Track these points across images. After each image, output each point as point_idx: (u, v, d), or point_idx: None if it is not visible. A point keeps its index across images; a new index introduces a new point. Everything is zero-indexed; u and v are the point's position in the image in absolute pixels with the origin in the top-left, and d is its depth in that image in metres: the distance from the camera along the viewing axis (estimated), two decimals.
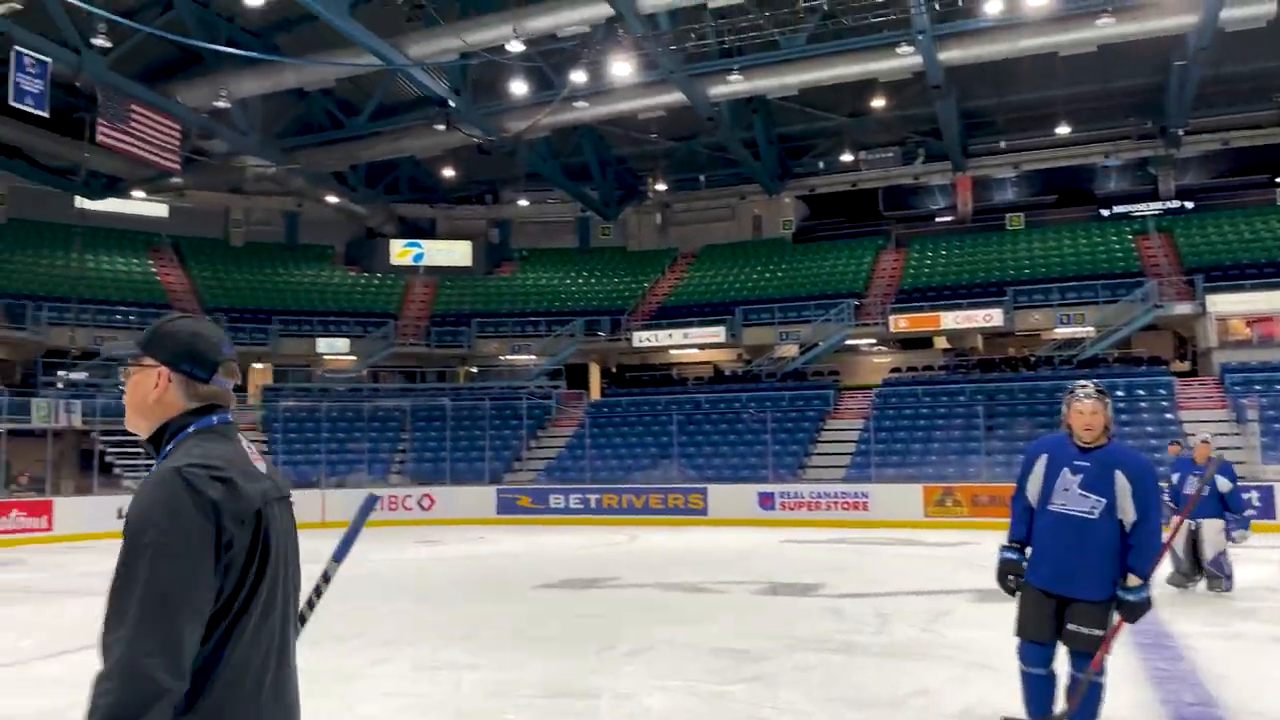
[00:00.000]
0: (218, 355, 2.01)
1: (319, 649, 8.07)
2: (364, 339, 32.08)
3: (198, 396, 1.99)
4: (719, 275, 34.28)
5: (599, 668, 7.17)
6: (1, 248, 30.74)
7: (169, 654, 1.67)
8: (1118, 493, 4.47)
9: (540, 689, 6.49)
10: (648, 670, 7.07)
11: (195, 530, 1.76)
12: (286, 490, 2.08)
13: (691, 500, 22.76)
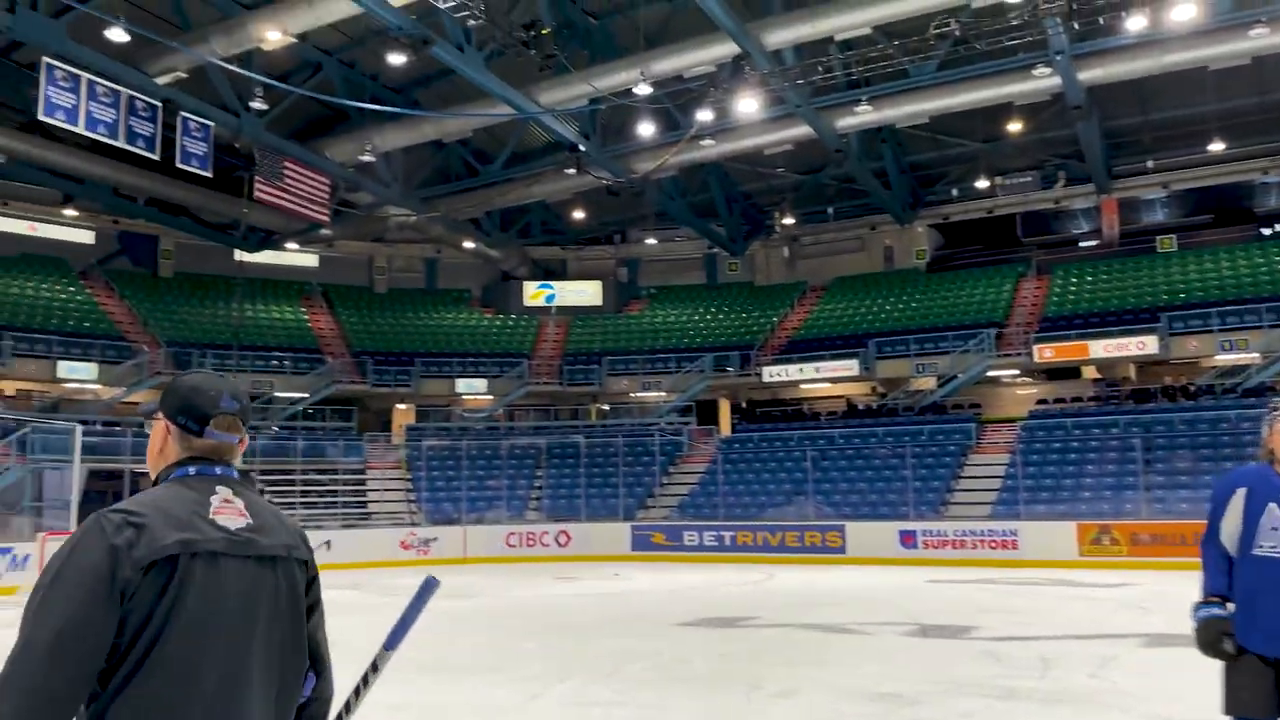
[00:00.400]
0: (212, 409, 2.01)
1: (470, 680, 8.24)
2: (500, 378, 32.91)
3: (192, 449, 2.00)
4: (850, 307, 33.75)
5: (748, 709, 7.06)
6: (169, 299, 33.01)
7: (27, 693, 1.63)
8: None
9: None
10: (799, 712, 6.92)
11: (89, 571, 1.72)
12: (271, 549, 1.96)
13: (829, 538, 22.31)
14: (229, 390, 2.07)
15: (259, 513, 1.99)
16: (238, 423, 2.06)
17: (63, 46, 19.12)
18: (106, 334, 29.32)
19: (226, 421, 2.03)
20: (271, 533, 1.98)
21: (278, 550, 1.97)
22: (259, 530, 1.95)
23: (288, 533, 2.02)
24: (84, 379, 27.29)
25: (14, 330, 26.70)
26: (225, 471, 2.02)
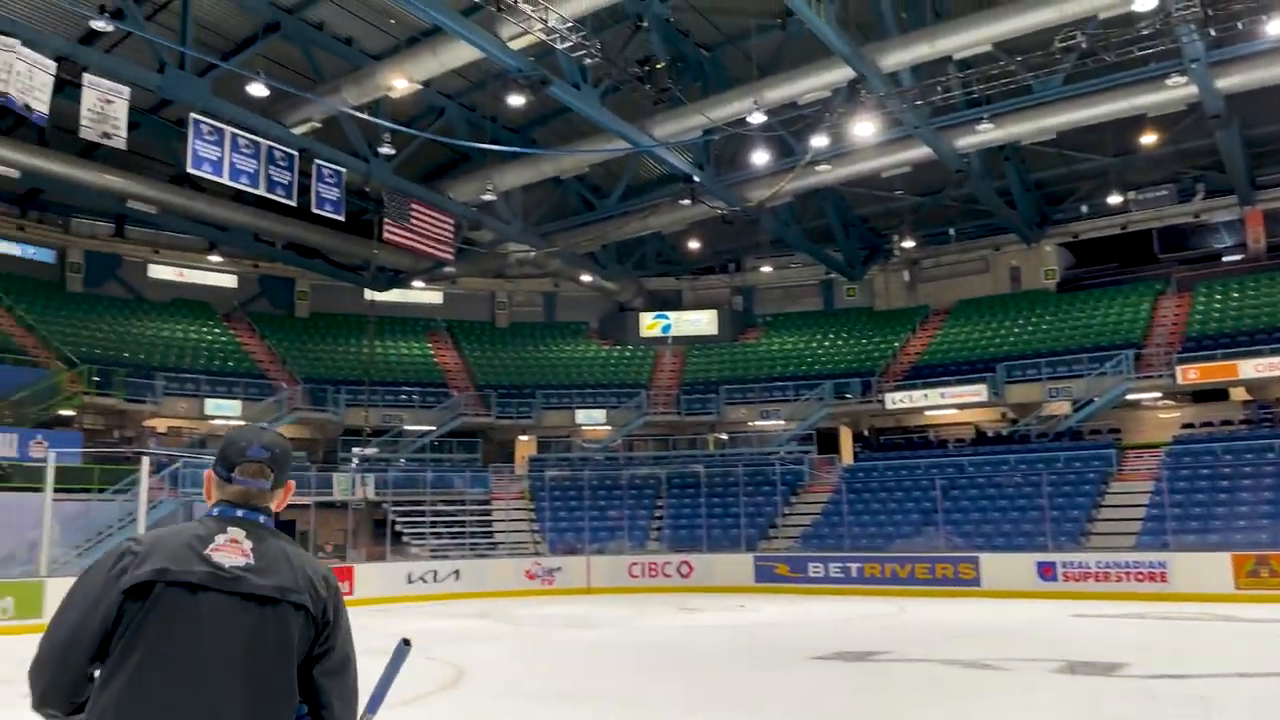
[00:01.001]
0: (239, 458, 2.19)
1: (612, 712, 8.25)
2: (618, 409, 33.17)
3: (224, 494, 2.20)
4: (976, 331, 32.78)
5: None
6: (305, 338, 34.58)
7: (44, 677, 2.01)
8: None
9: None
10: None
11: (89, 592, 2.02)
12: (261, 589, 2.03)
13: (962, 570, 21.55)
14: (260, 441, 2.22)
15: (266, 555, 2.08)
16: (264, 469, 2.19)
17: (208, 103, 20.38)
18: (249, 372, 30.88)
19: (252, 468, 2.18)
20: (271, 575, 2.05)
21: (269, 591, 2.03)
22: (257, 571, 2.04)
23: (291, 578, 2.06)
24: (229, 415, 28.74)
25: (166, 371, 28.38)
26: (246, 515, 2.16)
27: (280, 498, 2.26)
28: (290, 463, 2.27)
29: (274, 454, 2.22)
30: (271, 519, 2.22)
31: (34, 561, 18.68)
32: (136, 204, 26.92)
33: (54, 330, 28.07)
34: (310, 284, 35.90)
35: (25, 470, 21.29)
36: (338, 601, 2.16)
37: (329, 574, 2.18)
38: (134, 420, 27.72)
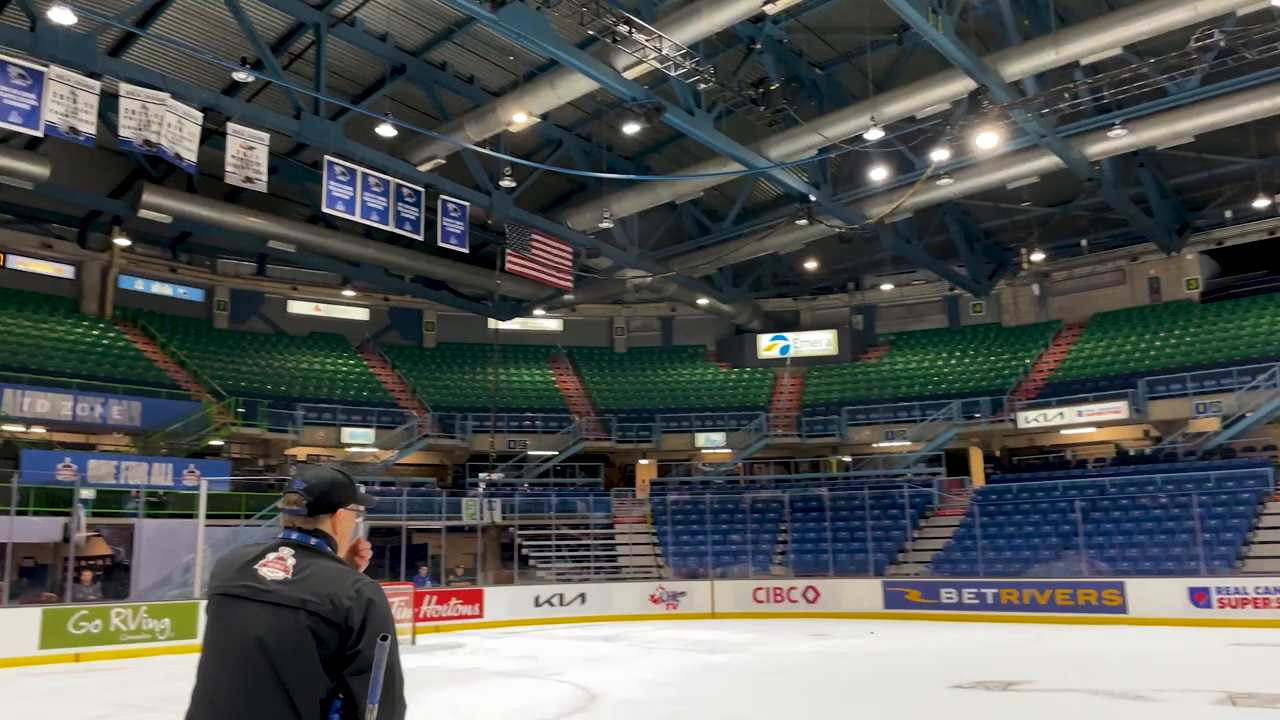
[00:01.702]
0: (286, 489, 2.64)
1: None
2: (738, 432, 32.99)
3: (283, 519, 2.65)
4: (1113, 345, 31.33)
5: None
6: (433, 368, 35.71)
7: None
8: None
9: None
10: None
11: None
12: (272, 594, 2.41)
13: (1106, 596, 20.52)
14: (303, 476, 2.65)
15: (304, 571, 2.45)
16: (300, 498, 2.59)
17: (340, 145, 21.38)
18: (381, 401, 32.06)
19: (291, 498, 2.61)
20: (300, 588, 2.40)
21: (293, 601, 2.38)
22: (291, 584, 2.41)
23: (317, 592, 2.39)
24: (364, 443, 29.89)
25: (305, 401, 29.73)
26: (298, 538, 2.56)
27: (331, 523, 2.60)
28: (330, 494, 2.61)
29: (309, 486, 2.61)
30: (325, 541, 2.57)
31: (189, 584, 19.77)
32: (276, 243, 28.40)
33: (203, 365, 29.78)
34: (437, 315, 37.14)
35: (179, 498, 22.60)
36: (367, 613, 2.40)
37: (363, 590, 2.44)
38: (277, 449, 29.13)
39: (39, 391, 24.07)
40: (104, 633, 16.50)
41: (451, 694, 11.64)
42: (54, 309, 29.54)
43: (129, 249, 31.36)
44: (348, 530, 2.65)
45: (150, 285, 32.64)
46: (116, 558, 22.95)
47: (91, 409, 24.70)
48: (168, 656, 16.65)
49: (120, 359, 28.16)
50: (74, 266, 30.77)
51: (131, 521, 21.60)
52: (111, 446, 25.42)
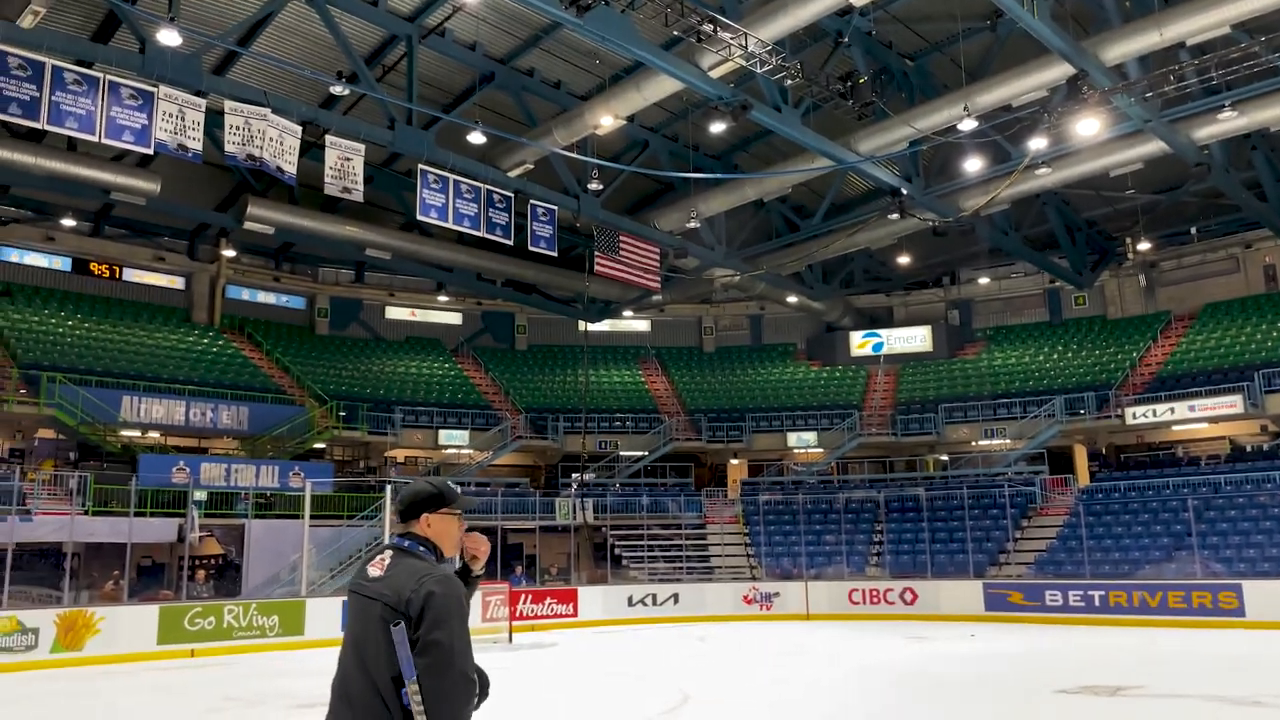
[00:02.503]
0: None
1: None
2: (830, 430, 32.57)
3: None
4: (1227, 336, 29.91)
5: None
6: (525, 370, 36.22)
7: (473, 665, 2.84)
8: None
9: None
10: None
11: None
12: (370, 590, 2.91)
13: (1222, 599, 19.59)
14: (402, 489, 3.14)
15: (393, 570, 2.91)
16: (395, 510, 3.18)
17: (432, 153, 21.86)
18: (476, 404, 32.66)
19: (393, 509, 3.26)
20: (384, 584, 2.87)
21: (374, 594, 2.86)
22: (379, 581, 2.88)
23: (392, 586, 2.84)
24: (460, 445, 30.49)
25: (403, 404, 30.49)
26: (396, 542, 3.06)
27: (420, 527, 3.07)
28: (414, 504, 3.09)
29: (400, 498, 3.13)
30: (418, 542, 3.04)
31: (295, 583, 20.48)
32: (373, 251, 29.19)
33: (306, 370, 30.80)
34: (528, 318, 37.66)
35: (285, 499, 23.44)
36: (426, 604, 2.78)
37: (425, 584, 2.83)
38: (376, 451, 29.94)
39: (154, 398, 25.24)
40: (217, 629, 17.21)
41: (547, 693, 11.78)
42: (167, 319, 30.93)
43: (235, 260, 32.63)
44: (444, 531, 3.06)
45: (256, 294, 33.91)
46: (228, 557, 23.92)
47: (203, 414, 25.79)
48: (277, 652, 17.27)
49: (229, 366, 29.33)
50: (184, 278, 32.16)
51: (241, 522, 22.50)
52: (222, 450, 26.50)
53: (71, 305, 29.27)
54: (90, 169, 22.79)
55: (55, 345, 26.52)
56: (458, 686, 2.70)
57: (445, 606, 2.77)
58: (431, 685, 2.69)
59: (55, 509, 19.37)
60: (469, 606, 2.95)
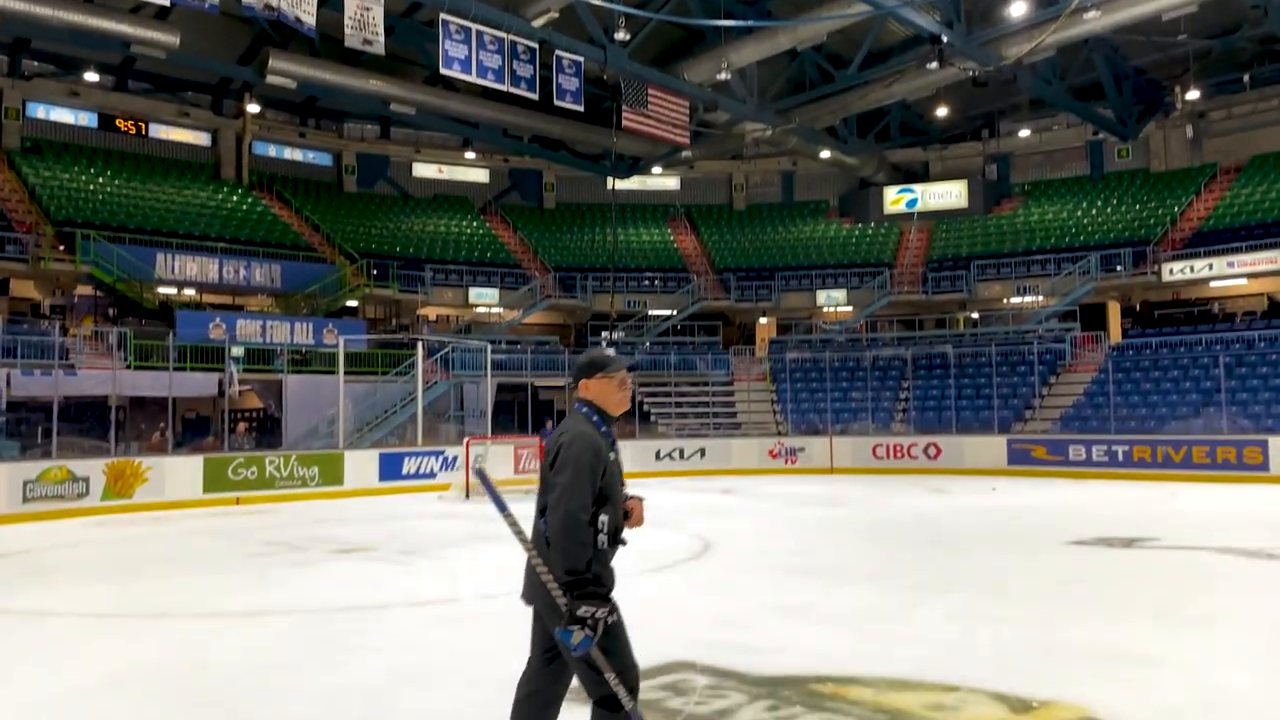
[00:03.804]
0: None
1: (851, 586, 8.38)
2: (860, 289, 32.38)
3: None
4: (1273, 189, 28.98)
5: (1157, 634, 6.52)
6: (553, 228, 36.04)
7: (575, 507, 3.23)
8: None
9: (1090, 651, 6.07)
10: (1218, 643, 6.28)
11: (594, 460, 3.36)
12: (549, 444, 3.48)
13: (1247, 454, 19.69)
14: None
15: (560, 426, 3.49)
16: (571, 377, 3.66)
17: (454, 1, 21.14)
18: (505, 262, 32.71)
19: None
20: (553, 435, 3.46)
21: (550, 445, 3.45)
22: (551, 437, 3.46)
23: (554, 438, 3.42)
24: (490, 303, 30.73)
25: (433, 262, 30.61)
26: (574, 404, 3.56)
27: (583, 390, 3.55)
28: (576, 374, 3.60)
29: (574, 368, 3.66)
30: (583, 404, 3.53)
31: (333, 435, 21.12)
32: (398, 106, 28.69)
33: (335, 228, 30.85)
34: (556, 175, 37.18)
35: (320, 355, 23.90)
36: (559, 452, 3.34)
37: (563, 436, 3.40)
38: (408, 309, 30.26)
39: (187, 255, 25.51)
40: (260, 479, 17.90)
41: None
42: (195, 175, 30.91)
43: (260, 115, 32.27)
44: (602, 392, 3.51)
45: (282, 150, 33.68)
46: (267, 410, 24.63)
47: (236, 271, 26.08)
48: (318, 501, 18.00)
49: (259, 223, 29.43)
50: (210, 134, 31.95)
51: (279, 377, 23.04)
52: (257, 307, 26.91)
53: (100, 162, 29.29)
54: (108, 20, 22.38)
55: (87, 202, 26.69)
56: (567, 521, 3.18)
57: (569, 456, 3.27)
58: (550, 520, 3.24)
59: (98, 364, 19.91)
60: (599, 462, 3.35)
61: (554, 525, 3.20)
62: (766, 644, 6.32)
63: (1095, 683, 5.34)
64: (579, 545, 3.20)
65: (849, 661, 5.83)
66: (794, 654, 6.05)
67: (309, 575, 9.65)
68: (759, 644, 6.32)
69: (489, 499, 3.39)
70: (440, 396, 24.40)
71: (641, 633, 6.69)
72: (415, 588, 8.77)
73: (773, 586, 8.61)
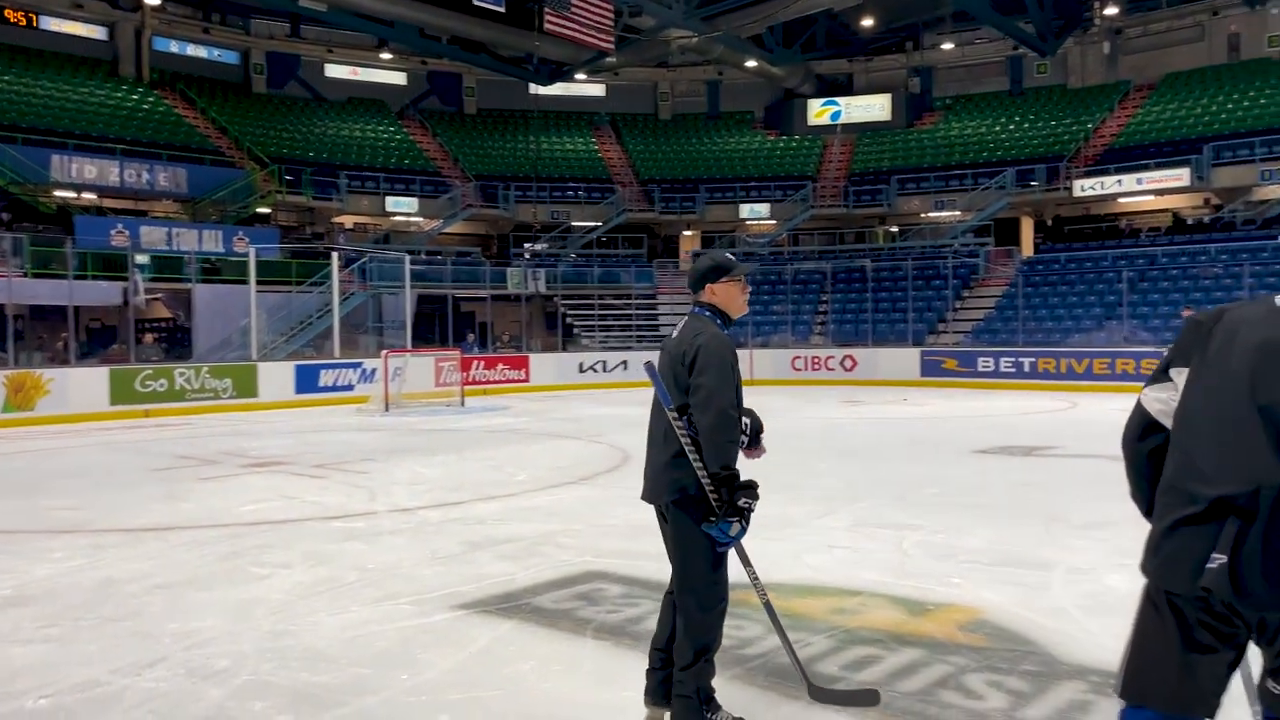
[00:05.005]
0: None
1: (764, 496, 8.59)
2: (784, 202, 32.48)
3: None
4: (1183, 108, 29.71)
5: (1049, 539, 6.86)
6: (474, 135, 35.14)
7: (728, 399, 3.27)
8: None
9: (986, 556, 6.36)
10: (1104, 546, 6.64)
11: (733, 357, 3.40)
12: (668, 347, 3.49)
13: (1145, 366, 20.54)
14: (690, 268, 3.71)
15: (682, 330, 3.49)
16: (689, 284, 3.65)
17: None
18: (424, 170, 31.88)
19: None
20: (675, 341, 3.47)
21: (670, 347, 3.48)
22: (674, 340, 3.48)
23: (679, 342, 3.43)
24: (408, 212, 30.01)
25: (349, 168, 29.66)
26: (691, 309, 3.58)
27: (706, 295, 3.52)
28: (698, 278, 3.54)
29: (690, 273, 3.62)
30: (704, 308, 3.52)
31: (247, 347, 20.62)
32: (308, 1, 27.35)
33: (244, 131, 29.59)
34: (477, 80, 36.09)
35: (231, 264, 23.15)
36: (697, 354, 3.31)
37: (698, 339, 3.35)
38: (323, 217, 29.41)
39: (85, 158, 24.25)
40: (170, 391, 17.45)
41: (497, 450, 12.28)
42: (91, 72, 29.20)
43: (160, 9, 30.50)
44: (728, 296, 3.51)
45: (185, 47, 31.97)
46: (177, 321, 23.89)
47: (139, 175, 24.92)
48: (231, 414, 17.66)
49: (162, 124, 28.06)
50: (106, 28, 30.12)
51: (188, 287, 22.30)
52: (162, 213, 25.84)
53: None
54: None
55: None
56: (719, 419, 3.23)
57: (709, 356, 3.29)
58: (699, 420, 3.25)
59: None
60: (737, 362, 3.42)
61: (707, 424, 3.23)
62: None
63: (990, 586, 5.61)
64: (731, 443, 3.28)
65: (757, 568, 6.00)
66: None
67: (220, 489, 9.51)
68: None
69: (655, 391, 3.44)
70: (358, 308, 23.94)
71: (558, 545, 6.80)
72: (329, 502, 8.72)
73: None
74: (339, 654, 4.49)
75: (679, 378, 3.35)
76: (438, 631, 4.83)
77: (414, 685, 4.08)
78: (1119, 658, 2.30)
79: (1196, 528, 2.07)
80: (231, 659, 4.44)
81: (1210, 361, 2.19)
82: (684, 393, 3.32)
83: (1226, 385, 2.12)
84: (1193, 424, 2.19)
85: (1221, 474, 2.06)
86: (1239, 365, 2.10)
